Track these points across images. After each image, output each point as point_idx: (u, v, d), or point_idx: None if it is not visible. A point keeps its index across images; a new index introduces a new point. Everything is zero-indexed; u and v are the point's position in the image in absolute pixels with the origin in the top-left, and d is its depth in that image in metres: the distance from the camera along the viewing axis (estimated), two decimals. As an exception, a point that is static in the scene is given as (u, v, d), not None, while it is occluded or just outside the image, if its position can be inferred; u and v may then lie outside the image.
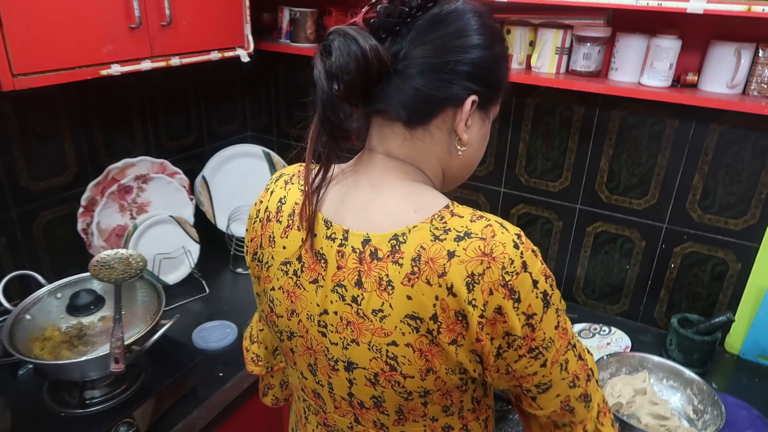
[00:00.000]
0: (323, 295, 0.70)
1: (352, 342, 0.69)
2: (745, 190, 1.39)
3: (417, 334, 0.65)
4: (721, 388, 1.35)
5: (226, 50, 1.51)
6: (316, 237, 0.71)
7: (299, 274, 0.73)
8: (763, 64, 1.24)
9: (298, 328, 0.75)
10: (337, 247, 0.69)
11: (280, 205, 0.76)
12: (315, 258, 0.71)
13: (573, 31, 1.39)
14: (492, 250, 0.62)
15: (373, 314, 0.66)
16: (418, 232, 0.65)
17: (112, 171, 1.55)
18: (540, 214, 1.67)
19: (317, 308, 0.71)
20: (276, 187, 0.79)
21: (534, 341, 0.66)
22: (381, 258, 0.66)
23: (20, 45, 1.04)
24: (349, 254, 0.68)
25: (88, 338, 1.20)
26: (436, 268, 0.63)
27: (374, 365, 0.68)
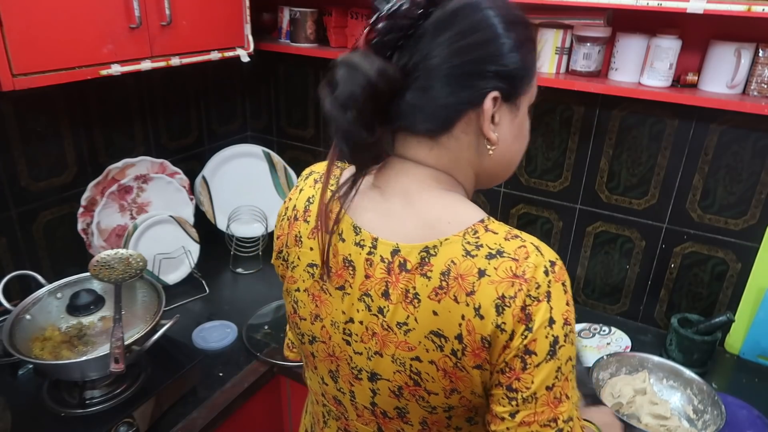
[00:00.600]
0: (349, 303, 0.69)
1: (376, 354, 0.67)
2: (745, 190, 1.39)
3: (441, 353, 0.62)
4: (721, 388, 1.35)
5: (226, 50, 1.51)
6: (344, 242, 0.69)
7: (326, 279, 0.71)
8: (763, 64, 1.24)
9: (321, 333, 0.73)
10: (366, 255, 0.67)
11: (308, 204, 0.74)
12: (343, 264, 0.69)
13: (573, 31, 1.39)
14: (524, 272, 0.59)
15: (397, 327, 0.65)
16: (450, 245, 0.62)
17: (112, 171, 1.55)
18: (540, 214, 1.67)
19: (342, 315, 0.70)
20: (305, 185, 0.77)
21: (518, 381, 0.60)
22: (409, 270, 0.63)
23: (20, 45, 1.04)
24: (378, 263, 0.66)
25: (88, 338, 1.20)
26: (465, 285, 0.60)
27: (398, 378, 0.66)
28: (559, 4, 1.28)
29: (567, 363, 0.61)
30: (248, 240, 1.87)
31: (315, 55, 1.70)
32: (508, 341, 0.59)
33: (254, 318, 1.55)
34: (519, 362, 0.59)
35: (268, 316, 1.57)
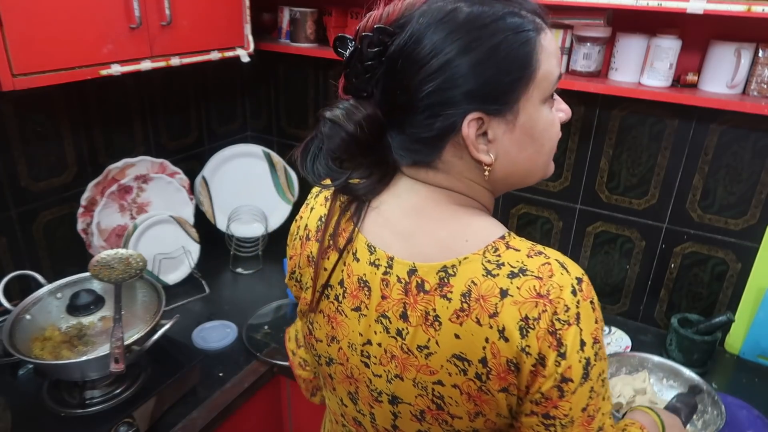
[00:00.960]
0: (366, 325, 0.67)
1: (396, 377, 0.65)
2: (745, 190, 1.39)
3: (464, 377, 0.60)
4: (721, 388, 1.35)
5: (226, 50, 1.51)
6: (359, 262, 0.67)
7: (341, 300, 0.68)
8: (763, 64, 1.24)
9: (338, 355, 0.71)
10: (381, 275, 0.65)
11: (320, 224, 0.72)
12: (358, 284, 0.67)
13: (573, 31, 1.39)
14: (548, 292, 0.56)
15: (418, 350, 0.62)
16: (469, 264, 0.60)
17: (112, 171, 1.55)
18: (540, 214, 1.67)
19: (360, 337, 0.68)
20: (316, 203, 0.75)
21: (555, 409, 0.58)
22: (428, 291, 0.61)
23: (20, 45, 1.04)
24: (394, 284, 0.64)
25: (88, 338, 1.21)
26: (487, 307, 0.58)
27: (420, 402, 0.64)
28: (559, 4, 1.28)
29: (598, 380, 0.59)
30: (248, 240, 1.87)
31: (315, 55, 1.70)
32: (538, 367, 0.57)
33: (254, 318, 1.55)
34: (556, 392, 0.58)
35: (268, 316, 1.57)
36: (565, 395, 0.58)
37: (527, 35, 0.59)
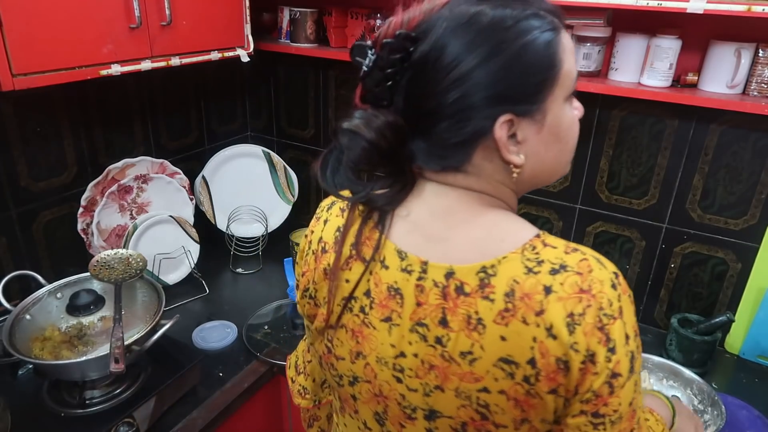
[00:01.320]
0: (399, 335, 0.63)
1: (436, 388, 0.62)
2: (745, 190, 1.39)
3: (512, 381, 0.58)
4: (721, 388, 1.35)
5: (226, 50, 1.51)
6: (388, 270, 0.64)
7: (367, 311, 0.65)
8: (763, 64, 1.24)
9: (364, 372, 0.67)
10: (416, 281, 0.62)
11: (339, 234, 0.69)
12: (388, 293, 0.64)
13: (573, 31, 1.39)
14: (590, 287, 0.56)
15: (461, 357, 0.60)
16: (509, 263, 0.58)
17: (112, 171, 1.55)
18: (540, 214, 1.67)
19: (392, 350, 0.64)
20: (330, 215, 0.72)
21: (605, 406, 0.58)
22: (468, 293, 0.59)
23: (20, 45, 1.04)
24: (431, 289, 0.61)
25: (88, 338, 1.21)
26: (533, 305, 0.56)
27: (462, 414, 0.62)
28: (559, 4, 1.28)
29: (639, 373, 0.60)
30: (248, 240, 1.87)
31: (315, 55, 1.70)
32: (587, 364, 0.56)
33: (254, 318, 1.55)
34: (607, 388, 0.57)
35: (268, 316, 1.57)
36: (615, 391, 0.57)
37: (550, 35, 0.61)
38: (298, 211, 1.95)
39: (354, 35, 1.68)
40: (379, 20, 1.63)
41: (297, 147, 2.03)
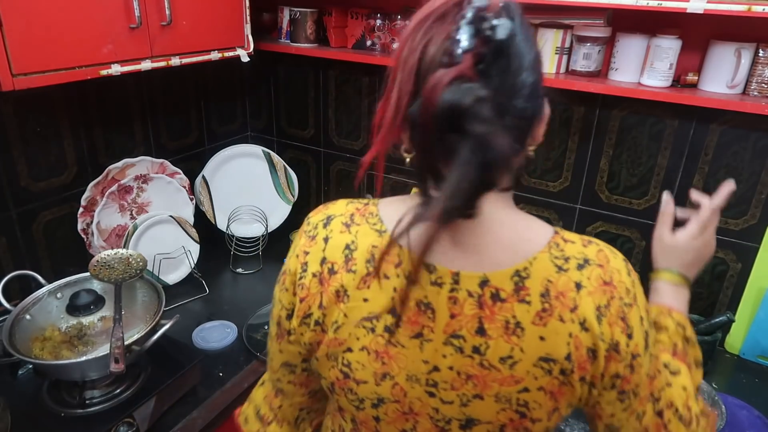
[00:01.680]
0: (432, 350, 0.62)
1: (474, 397, 0.62)
2: (745, 190, 1.39)
3: (550, 377, 0.60)
4: (721, 388, 1.35)
5: (226, 50, 1.51)
6: (416, 285, 0.60)
7: (394, 330, 0.62)
8: (763, 64, 1.24)
9: (392, 392, 0.64)
10: (448, 293, 0.60)
11: (349, 252, 0.64)
12: (417, 309, 0.61)
13: (573, 31, 1.39)
14: (611, 278, 0.60)
15: (500, 362, 0.60)
16: (540, 263, 0.59)
17: (112, 171, 1.55)
18: (540, 214, 1.67)
19: (424, 366, 0.62)
20: (331, 232, 0.66)
21: (628, 384, 0.61)
22: (505, 299, 0.59)
23: (20, 45, 1.04)
24: (465, 299, 0.60)
25: (88, 338, 1.21)
26: (567, 302, 0.58)
27: (502, 417, 0.62)
28: (559, 4, 1.28)
29: (654, 345, 0.64)
30: (248, 240, 1.87)
31: (315, 55, 1.70)
32: (611, 352, 0.59)
33: (254, 318, 1.55)
34: (628, 370, 0.61)
35: (268, 316, 1.56)
36: (635, 369, 0.61)
37: None
38: (298, 211, 1.95)
39: (354, 35, 1.68)
40: (379, 20, 1.63)
41: (297, 147, 2.03)
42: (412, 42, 0.55)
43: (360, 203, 0.68)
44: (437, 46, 0.54)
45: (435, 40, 0.54)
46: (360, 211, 0.67)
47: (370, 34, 1.66)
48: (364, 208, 0.67)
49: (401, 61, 0.56)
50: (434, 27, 0.55)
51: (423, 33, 0.55)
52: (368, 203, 0.68)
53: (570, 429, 1.21)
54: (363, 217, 0.66)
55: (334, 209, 0.69)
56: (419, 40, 0.55)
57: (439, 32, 0.54)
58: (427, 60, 0.54)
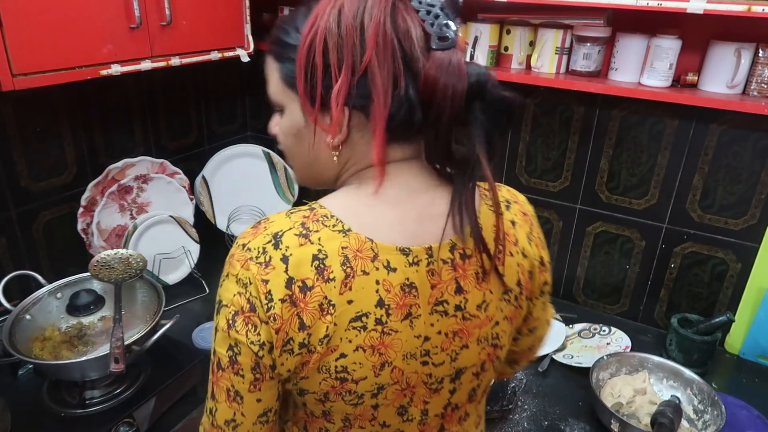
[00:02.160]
0: (421, 324, 0.64)
1: (462, 349, 0.67)
2: (745, 190, 1.39)
3: (509, 305, 0.71)
4: (721, 388, 1.35)
5: (226, 50, 1.51)
6: (396, 272, 0.63)
7: (385, 321, 0.63)
8: (763, 64, 1.24)
9: (390, 377, 0.65)
10: (426, 268, 0.64)
11: (320, 262, 0.60)
12: (402, 292, 0.63)
13: (573, 31, 1.39)
14: (526, 210, 0.75)
15: (478, 310, 0.67)
16: (483, 215, 0.68)
17: (112, 171, 1.55)
18: (540, 214, 1.67)
19: (417, 341, 0.65)
20: (287, 250, 0.61)
21: (548, 286, 0.78)
22: (470, 255, 0.66)
23: (20, 45, 1.04)
24: (441, 268, 0.65)
25: (88, 338, 1.21)
26: (511, 239, 0.70)
27: (482, 355, 0.70)
28: (559, 4, 1.28)
29: None
30: (248, 240, 1.87)
31: (315, 55, 1.69)
32: (540, 267, 0.74)
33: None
34: (549, 275, 0.78)
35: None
36: (550, 272, 0.78)
37: None
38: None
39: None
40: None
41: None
42: (384, 27, 0.59)
43: (304, 210, 0.64)
44: (419, 30, 0.60)
45: (410, 24, 0.60)
46: (310, 218, 0.62)
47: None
48: (312, 214, 0.63)
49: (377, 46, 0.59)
50: (402, 13, 0.60)
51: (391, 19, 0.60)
52: (313, 207, 0.64)
53: (570, 429, 1.22)
54: (317, 222, 0.62)
55: (275, 225, 0.63)
56: (390, 25, 0.59)
57: (409, 18, 0.60)
58: (413, 43, 0.60)
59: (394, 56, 0.59)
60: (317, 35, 0.61)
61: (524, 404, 1.28)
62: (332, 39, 0.60)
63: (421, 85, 0.59)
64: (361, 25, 0.60)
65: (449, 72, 0.58)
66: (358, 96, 0.61)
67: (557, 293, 1.74)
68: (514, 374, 1.29)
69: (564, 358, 1.42)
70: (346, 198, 0.66)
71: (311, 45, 0.61)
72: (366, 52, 0.59)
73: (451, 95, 0.58)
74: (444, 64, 0.58)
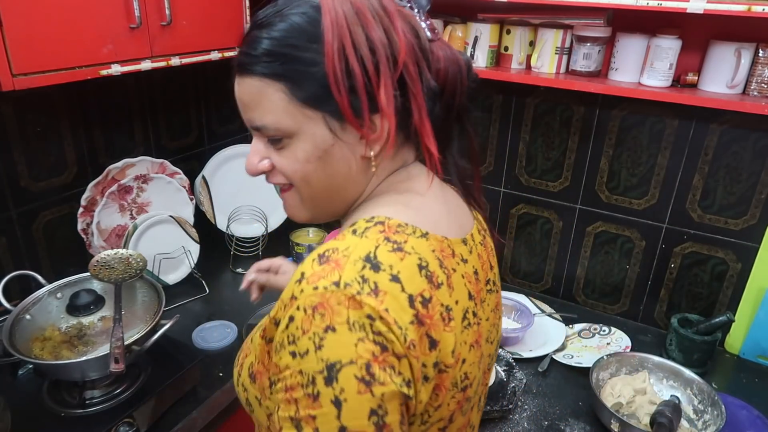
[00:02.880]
0: (485, 306, 0.67)
1: (497, 319, 0.72)
2: (745, 190, 1.39)
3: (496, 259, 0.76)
4: (721, 388, 1.35)
5: (226, 50, 1.50)
6: (467, 263, 0.63)
7: (476, 312, 0.62)
8: (763, 64, 1.24)
9: (479, 366, 0.63)
10: (476, 253, 0.67)
11: (425, 269, 0.56)
12: (476, 279, 0.65)
13: (573, 31, 1.39)
14: None
15: (499, 280, 0.74)
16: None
17: (112, 171, 1.55)
18: (540, 214, 1.67)
19: (488, 323, 0.67)
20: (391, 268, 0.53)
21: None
22: (488, 228, 0.74)
23: (20, 45, 1.04)
24: (480, 250, 0.69)
25: (88, 338, 1.21)
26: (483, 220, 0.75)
27: (499, 321, 0.74)
28: (559, 4, 1.28)
29: None
30: (248, 240, 1.87)
31: (315, 55, 1.69)
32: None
33: (254, 318, 1.55)
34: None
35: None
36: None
37: None
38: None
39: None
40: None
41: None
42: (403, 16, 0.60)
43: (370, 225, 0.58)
44: (418, 31, 0.61)
45: (409, 27, 0.60)
46: (387, 231, 0.57)
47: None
48: (385, 227, 0.57)
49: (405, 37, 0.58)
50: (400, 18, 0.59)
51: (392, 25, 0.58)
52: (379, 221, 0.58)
53: (570, 429, 1.22)
54: (399, 233, 0.57)
55: (356, 250, 0.54)
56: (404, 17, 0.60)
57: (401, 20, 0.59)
58: (423, 33, 0.61)
59: (414, 47, 0.58)
60: (344, 37, 0.55)
61: (524, 404, 1.28)
62: (362, 42, 0.55)
63: (436, 75, 0.60)
64: (384, 24, 0.57)
65: (452, 60, 0.61)
66: (396, 98, 0.57)
67: (557, 293, 1.74)
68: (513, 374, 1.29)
69: (564, 358, 1.42)
70: (400, 204, 0.61)
71: (342, 50, 0.55)
72: (398, 45, 0.57)
73: (459, 82, 0.61)
74: (446, 54, 0.61)
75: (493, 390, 1.24)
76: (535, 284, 1.77)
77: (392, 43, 0.57)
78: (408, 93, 0.58)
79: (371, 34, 0.56)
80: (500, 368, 1.31)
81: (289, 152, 0.60)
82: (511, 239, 1.73)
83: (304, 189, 0.63)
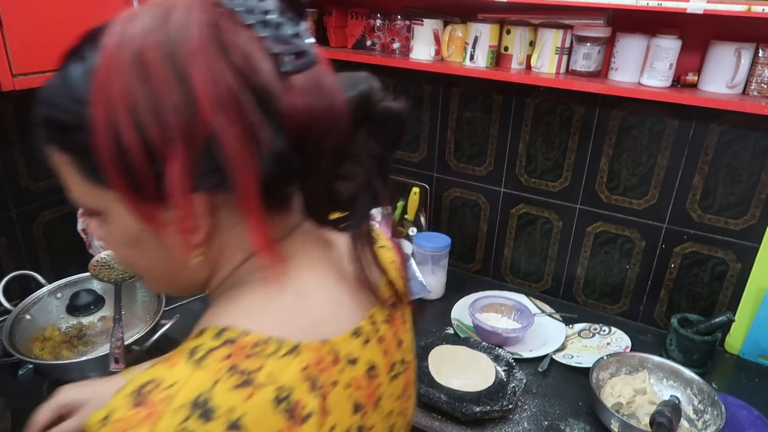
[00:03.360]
0: (386, 401, 0.58)
1: (407, 401, 0.65)
2: (745, 190, 1.39)
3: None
4: (721, 388, 1.35)
5: (226, 50, 1.51)
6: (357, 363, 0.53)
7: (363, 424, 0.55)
8: (763, 64, 1.24)
9: None
10: (375, 339, 0.56)
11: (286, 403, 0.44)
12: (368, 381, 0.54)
13: (573, 31, 1.39)
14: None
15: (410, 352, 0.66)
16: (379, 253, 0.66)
17: (112, 171, 1.55)
18: (540, 214, 1.67)
19: (387, 420, 0.59)
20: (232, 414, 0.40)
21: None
22: (393, 301, 0.65)
23: (20, 45, 1.04)
24: (384, 330, 0.59)
25: (88, 338, 1.21)
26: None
27: (409, 401, 0.67)
28: (559, 4, 1.28)
29: None
30: (248, 240, 1.87)
31: (315, 55, 1.69)
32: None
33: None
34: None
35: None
36: None
37: None
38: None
39: (354, 35, 1.68)
40: (379, 20, 1.63)
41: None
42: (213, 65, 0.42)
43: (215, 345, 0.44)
44: (262, 53, 0.43)
45: (247, 49, 0.43)
46: (235, 354, 0.43)
47: (370, 34, 1.66)
48: (234, 348, 0.44)
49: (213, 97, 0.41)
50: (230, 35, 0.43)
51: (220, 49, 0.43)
52: (229, 339, 0.45)
53: (570, 429, 1.22)
54: (252, 357, 0.43)
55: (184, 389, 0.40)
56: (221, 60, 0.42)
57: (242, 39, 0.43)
58: (260, 74, 0.43)
59: (239, 103, 0.41)
60: (116, 102, 0.42)
61: (524, 404, 1.28)
62: (141, 102, 0.41)
63: (288, 126, 0.43)
64: (178, 70, 0.41)
65: (320, 96, 0.43)
66: (207, 172, 0.42)
67: (557, 293, 1.74)
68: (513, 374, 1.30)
69: (564, 358, 1.42)
70: (260, 303, 0.48)
71: (111, 120, 0.42)
72: (199, 110, 0.41)
73: (330, 125, 0.44)
74: (310, 88, 0.43)
75: (493, 390, 1.24)
76: (535, 284, 1.77)
77: (192, 105, 0.41)
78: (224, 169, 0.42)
79: (159, 92, 0.41)
80: (500, 368, 1.31)
81: (104, 231, 0.50)
82: (511, 239, 1.73)
83: (133, 271, 0.54)
